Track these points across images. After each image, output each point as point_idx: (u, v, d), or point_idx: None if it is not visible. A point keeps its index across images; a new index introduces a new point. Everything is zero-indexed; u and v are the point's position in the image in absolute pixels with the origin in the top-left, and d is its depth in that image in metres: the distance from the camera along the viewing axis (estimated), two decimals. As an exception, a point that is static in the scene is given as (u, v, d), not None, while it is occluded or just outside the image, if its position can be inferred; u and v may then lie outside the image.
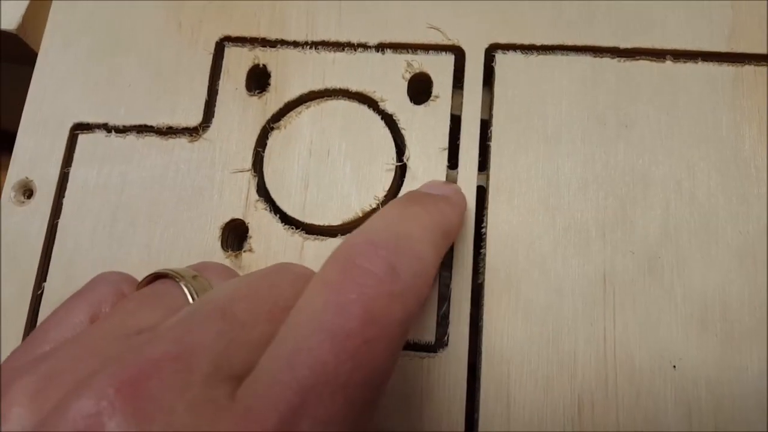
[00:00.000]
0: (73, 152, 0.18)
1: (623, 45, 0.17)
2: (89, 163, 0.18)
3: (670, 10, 0.17)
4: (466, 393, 0.15)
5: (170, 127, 0.18)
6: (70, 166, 0.18)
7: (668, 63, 0.17)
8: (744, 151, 0.16)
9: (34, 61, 0.21)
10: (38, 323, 0.17)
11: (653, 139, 0.16)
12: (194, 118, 0.18)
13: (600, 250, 0.16)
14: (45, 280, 0.17)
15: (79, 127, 0.18)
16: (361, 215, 0.16)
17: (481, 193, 0.17)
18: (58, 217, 0.17)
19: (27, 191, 0.18)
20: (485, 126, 0.17)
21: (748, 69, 0.17)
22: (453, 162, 0.17)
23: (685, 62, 0.17)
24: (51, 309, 0.16)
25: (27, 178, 0.18)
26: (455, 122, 0.17)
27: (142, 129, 0.18)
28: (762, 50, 0.17)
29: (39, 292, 0.17)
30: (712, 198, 0.16)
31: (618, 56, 0.17)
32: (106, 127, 0.18)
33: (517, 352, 0.15)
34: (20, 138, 0.18)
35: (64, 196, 0.18)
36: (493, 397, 0.15)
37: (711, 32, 0.17)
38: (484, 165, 0.17)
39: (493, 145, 0.17)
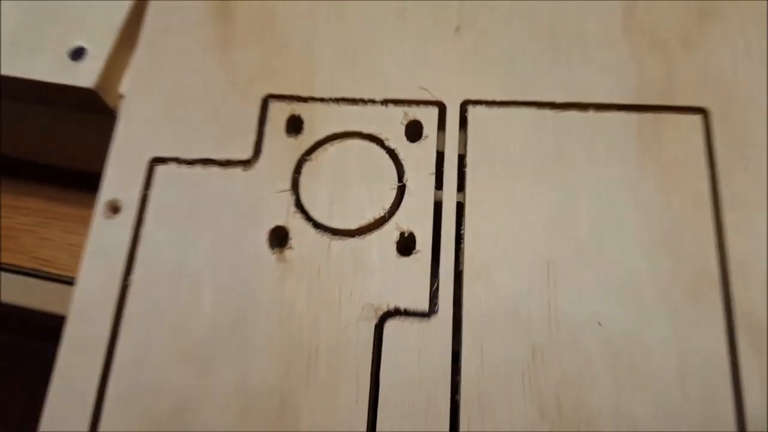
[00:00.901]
0: (152, 179, 0.24)
1: (558, 100, 0.24)
2: (165, 187, 0.24)
3: (590, 71, 0.24)
4: (451, 346, 0.21)
5: (228, 160, 0.24)
6: (149, 189, 0.24)
7: (591, 112, 0.24)
8: (648, 181, 0.23)
9: (105, 111, 0.28)
10: (124, 312, 0.23)
11: (579, 172, 0.23)
12: (246, 153, 0.24)
13: (545, 244, 0.22)
14: (130, 274, 0.23)
15: (157, 160, 0.24)
16: (372, 221, 0.23)
17: (460, 206, 0.23)
18: (141, 227, 0.24)
19: (115, 208, 0.24)
20: (462, 158, 0.24)
21: (649, 116, 0.24)
22: (439, 184, 0.24)
23: (603, 112, 0.24)
24: (135, 297, 0.23)
25: (115, 198, 0.24)
26: (440, 156, 0.24)
27: (206, 161, 0.24)
28: (661, 101, 0.24)
29: (125, 283, 0.23)
30: (622, 210, 0.23)
31: (555, 108, 0.24)
32: (178, 160, 0.24)
33: (488, 319, 0.21)
34: (109, 168, 0.25)
35: (145, 212, 0.24)
36: (470, 348, 0.21)
37: (620, 88, 0.24)
38: (461, 186, 0.23)
39: (468, 172, 0.23)
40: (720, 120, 0.24)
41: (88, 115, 0.29)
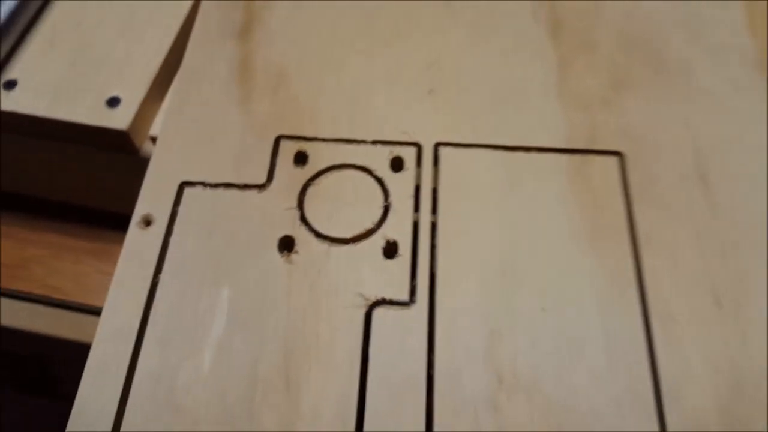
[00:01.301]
0: (181, 198, 0.30)
1: (509, 144, 0.31)
2: (192, 205, 0.30)
3: (532, 122, 0.32)
4: (427, 330, 0.27)
5: (246, 184, 0.30)
6: (178, 206, 0.30)
7: (533, 153, 0.31)
8: (576, 209, 0.30)
9: (134, 152, 0.34)
10: (153, 304, 0.28)
11: (526, 200, 0.30)
12: (261, 179, 0.30)
13: (502, 255, 0.28)
14: (160, 272, 0.28)
15: (186, 183, 0.30)
16: (363, 232, 0.29)
17: (434, 224, 0.29)
18: (170, 237, 0.29)
19: (148, 221, 0.29)
20: (435, 187, 0.30)
21: (577, 157, 0.31)
22: (416, 206, 0.30)
23: (542, 153, 0.31)
24: (164, 294, 0.27)
25: (149, 212, 0.29)
26: (418, 185, 0.30)
27: (227, 185, 0.30)
28: (586, 146, 0.31)
29: (155, 280, 0.28)
30: (558, 230, 0.29)
31: (506, 150, 0.31)
32: (204, 184, 0.30)
33: (456, 309, 0.27)
34: (144, 188, 0.30)
35: (174, 224, 0.29)
36: (443, 331, 0.26)
37: (555, 136, 0.31)
38: (435, 209, 0.30)
39: (440, 197, 0.30)
40: (633, 162, 0.31)
41: (117, 155, 0.35)
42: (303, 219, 0.29)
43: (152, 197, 0.30)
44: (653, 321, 0.27)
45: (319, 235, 0.29)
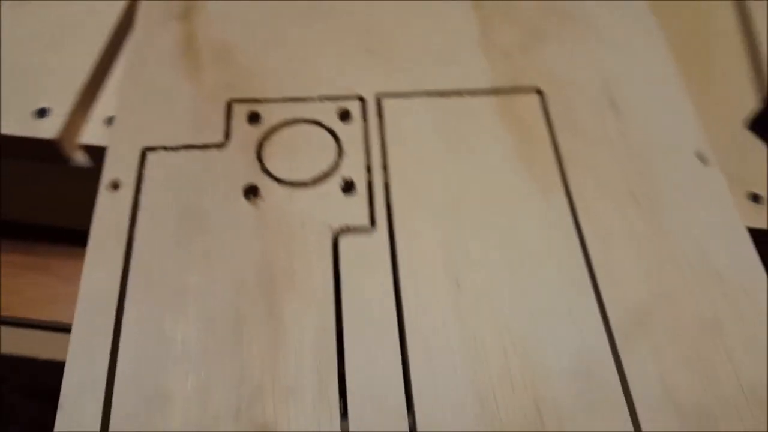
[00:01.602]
0: (145, 162, 0.32)
1: (443, 90, 0.35)
2: (156, 167, 0.32)
3: (463, 71, 0.36)
4: (390, 250, 0.30)
5: (205, 144, 0.32)
6: (143, 169, 0.32)
7: (466, 97, 0.35)
8: (510, 142, 0.34)
9: (63, 161, 0.35)
10: (131, 256, 0.29)
11: (463, 139, 0.34)
12: (219, 139, 0.33)
13: (450, 190, 0.32)
14: (134, 226, 0.30)
15: (147, 149, 0.32)
16: (321, 174, 0.31)
17: (384, 163, 0.33)
18: (140, 195, 0.31)
19: (116, 185, 0.31)
20: (382, 132, 0.34)
21: (504, 97, 0.35)
22: (367, 150, 0.33)
23: (472, 96, 0.35)
24: (140, 248, 0.29)
25: (116, 177, 0.31)
26: (366, 133, 0.33)
27: (188, 147, 0.32)
28: (513, 87, 0.35)
29: (131, 234, 0.30)
30: (497, 164, 0.33)
31: (441, 96, 0.35)
32: (165, 148, 0.32)
33: (414, 229, 0.30)
34: (109, 157, 0.32)
35: (142, 185, 0.31)
36: (404, 251, 0.30)
37: (484, 80, 0.35)
38: (384, 151, 0.33)
39: (387, 142, 0.33)
40: (552, 97, 0.35)
41: (48, 165, 0.36)
42: (264, 170, 0.32)
43: (117, 163, 0.32)
44: (582, 222, 0.31)
45: (281, 181, 0.32)
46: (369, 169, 0.32)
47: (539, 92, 0.35)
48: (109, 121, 0.36)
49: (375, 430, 0.25)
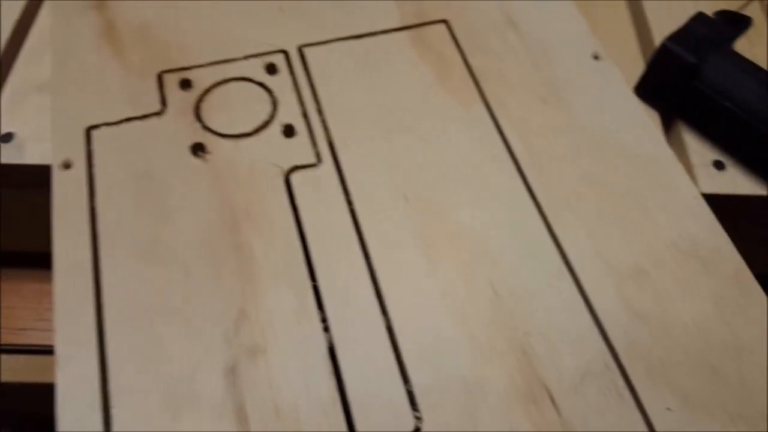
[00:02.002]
0: (91, 139, 0.33)
1: (357, 33, 0.38)
2: (103, 142, 0.33)
3: (371, 13, 0.39)
4: (338, 177, 0.33)
5: (144, 114, 0.34)
6: (91, 145, 0.33)
7: (379, 36, 0.38)
8: (427, 73, 0.37)
9: None
10: (97, 224, 0.31)
11: (384, 72, 0.37)
12: (156, 108, 0.35)
13: (376, 108, 0.35)
14: (94, 197, 0.31)
15: (91, 128, 0.34)
16: (261, 124, 0.34)
17: (319, 107, 0.35)
18: (92, 169, 0.32)
19: (67, 164, 0.33)
20: (311, 81, 0.36)
21: (414, 31, 0.38)
22: (299, 97, 0.35)
23: (385, 34, 0.38)
24: (104, 218, 0.31)
25: (66, 158, 0.33)
26: (295, 82, 0.36)
27: (128, 119, 0.34)
28: (419, 22, 0.39)
29: (92, 205, 0.31)
30: (421, 92, 0.36)
31: (356, 38, 0.38)
32: (106, 124, 0.34)
33: (358, 159, 0.33)
34: (54, 140, 0.33)
35: (93, 160, 0.33)
36: (351, 177, 0.33)
37: (392, 20, 0.39)
38: (316, 96, 0.36)
39: (317, 87, 0.36)
40: (457, 24, 0.39)
41: None
42: (206, 128, 0.34)
43: (63, 144, 0.33)
44: (503, 126, 0.35)
45: (224, 135, 0.34)
46: (305, 114, 0.35)
47: (445, 21, 0.39)
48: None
49: (356, 335, 0.28)
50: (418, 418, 0.26)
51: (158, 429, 0.26)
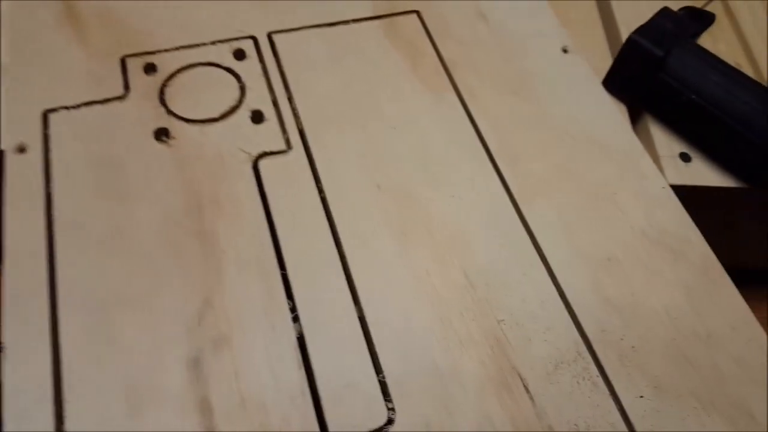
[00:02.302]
0: (48, 123, 0.32)
1: (329, 21, 0.37)
2: (61, 126, 0.32)
3: (342, 4, 0.38)
4: (309, 164, 0.32)
5: (106, 99, 0.33)
6: (48, 129, 0.32)
7: (351, 25, 0.37)
8: (399, 61, 0.37)
9: None
10: (53, 211, 0.30)
11: (358, 61, 0.36)
12: (119, 92, 0.33)
13: (348, 95, 0.34)
14: (50, 182, 0.30)
15: (48, 111, 0.32)
16: (229, 109, 0.33)
17: (288, 92, 0.35)
18: (49, 154, 0.31)
19: (22, 148, 0.31)
20: (281, 68, 0.36)
21: (386, 20, 0.38)
22: (269, 84, 0.35)
23: (357, 23, 0.38)
24: (60, 201, 0.30)
25: (20, 142, 0.31)
26: (264, 68, 0.35)
27: (89, 103, 0.33)
28: (390, 12, 0.39)
29: (48, 191, 0.30)
30: (391, 79, 0.36)
31: (329, 26, 0.37)
32: (66, 107, 0.33)
33: (328, 145, 0.33)
34: (5, 123, 0.32)
35: (49, 144, 0.31)
36: (322, 163, 0.32)
37: (364, 9, 0.38)
38: (285, 83, 0.35)
39: (287, 74, 0.35)
40: (428, 15, 0.39)
41: None
42: (170, 113, 0.33)
43: (17, 128, 0.32)
44: (475, 116, 0.35)
45: (189, 121, 0.33)
46: (275, 100, 0.34)
47: (416, 12, 0.39)
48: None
49: (326, 325, 0.28)
50: (391, 409, 0.26)
51: (115, 424, 0.25)
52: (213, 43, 0.36)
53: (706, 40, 0.42)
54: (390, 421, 0.26)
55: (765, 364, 0.28)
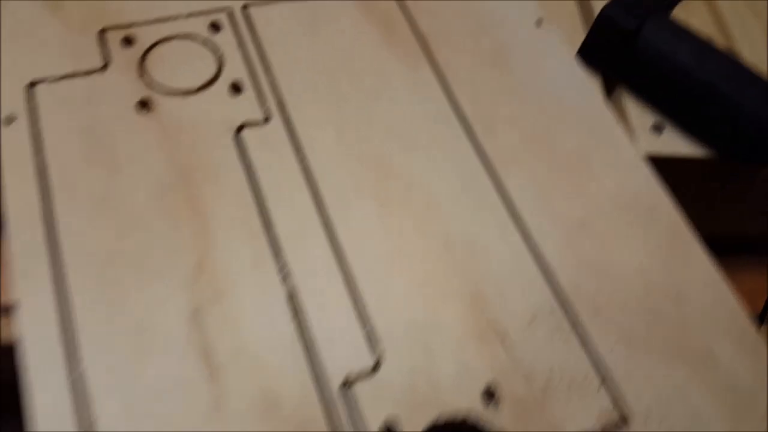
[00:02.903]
0: (34, 94, 0.34)
1: (306, -7, 0.40)
2: (46, 98, 0.34)
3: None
4: (288, 135, 0.34)
5: (87, 71, 0.35)
6: (34, 100, 0.34)
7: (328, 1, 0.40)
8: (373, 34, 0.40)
9: None
10: (48, 177, 0.32)
11: (333, 32, 0.39)
12: (99, 64, 0.35)
13: (325, 67, 0.37)
14: (43, 151, 0.32)
15: (33, 83, 0.34)
16: (208, 80, 0.35)
17: (266, 63, 0.37)
18: (38, 124, 0.33)
19: (10, 119, 0.33)
20: (257, 39, 0.38)
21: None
22: (245, 55, 0.37)
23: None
24: (53, 167, 0.32)
25: (9, 113, 0.33)
26: (240, 40, 0.38)
27: (71, 75, 0.35)
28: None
29: (42, 158, 0.32)
30: (368, 49, 0.39)
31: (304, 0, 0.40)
32: (50, 79, 0.34)
33: (307, 116, 0.35)
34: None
35: (38, 115, 0.33)
36: (302, 134, 0.34)
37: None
38: (262, 55, 0.37)
39: (264, 46, 0.37)
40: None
41: None
42: (150, 85, 0.35)
43: (5, 100, 0.33)
44: (452, 88, 0.38)
45: (169, 92, 0.35)
46: (252, 72, 0.36)
47: (396, -5, 0.42)
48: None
49: (314, 285, 0.30)
50: (378, 356, 0.28)
51: (129, 375, 0.27)
52: (188, 15, 0.38)
53: (679, 15, 0.45)
54: (377, 366, 0.28)
55: (729, 317, 0.32)
